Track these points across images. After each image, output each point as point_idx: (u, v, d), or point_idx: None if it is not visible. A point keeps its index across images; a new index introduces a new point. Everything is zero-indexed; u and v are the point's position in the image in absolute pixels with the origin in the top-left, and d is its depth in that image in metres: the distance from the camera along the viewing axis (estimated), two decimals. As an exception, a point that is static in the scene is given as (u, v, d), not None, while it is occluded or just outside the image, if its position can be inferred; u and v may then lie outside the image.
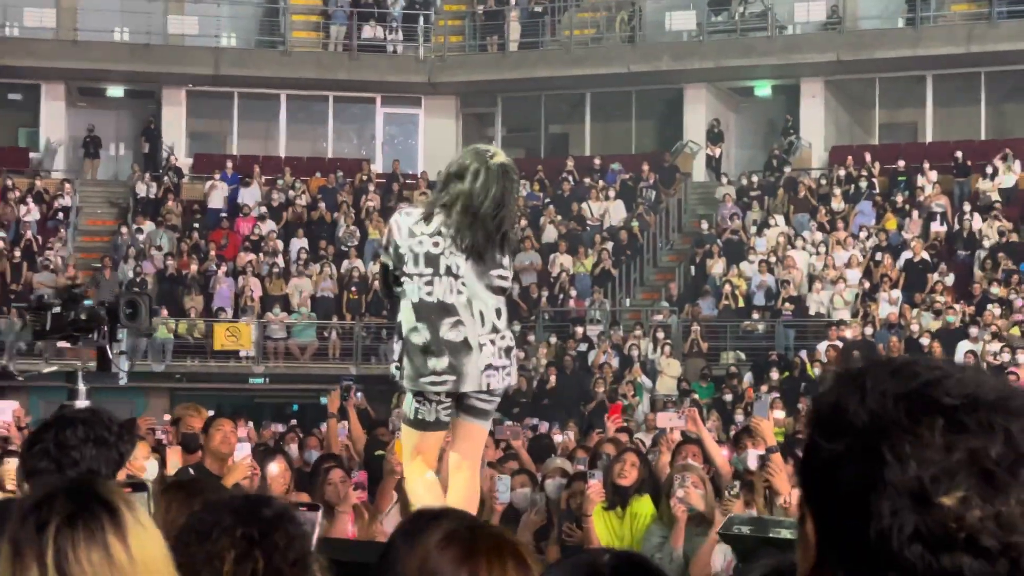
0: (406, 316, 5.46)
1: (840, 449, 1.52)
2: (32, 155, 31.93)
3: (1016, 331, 22.82)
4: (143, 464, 7.41)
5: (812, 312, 25.54)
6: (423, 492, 5.49)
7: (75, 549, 1.94)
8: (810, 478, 1.57)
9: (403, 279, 5.46)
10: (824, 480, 1.53)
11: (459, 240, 5.39)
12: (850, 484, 1.50)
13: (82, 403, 6.32)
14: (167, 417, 11.22)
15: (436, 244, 5.40)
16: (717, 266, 26.92)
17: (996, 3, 29.00)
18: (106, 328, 6.88)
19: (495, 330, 5.43)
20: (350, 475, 9.49)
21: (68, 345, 7.10)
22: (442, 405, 5.48)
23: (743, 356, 25.11)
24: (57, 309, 6.82)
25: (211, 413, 8.59)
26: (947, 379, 1.52)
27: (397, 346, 5.60)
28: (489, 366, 5.41)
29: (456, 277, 5.39)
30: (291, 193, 30.30)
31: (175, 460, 8.10)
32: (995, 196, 27.05)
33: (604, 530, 7.68)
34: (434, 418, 5.49)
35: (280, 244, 28.97)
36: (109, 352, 6.85)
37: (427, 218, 5.43)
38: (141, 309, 7.08)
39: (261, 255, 28.66)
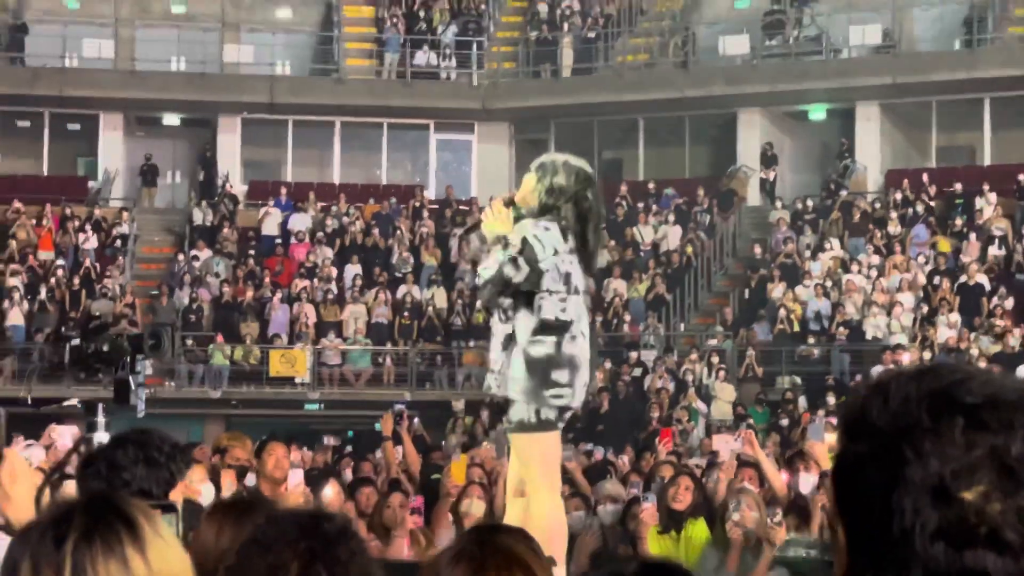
0: (530, 330, 5.53)
1: (864, 451, 1.53)
2: (91, 184, 32.27)
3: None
4: (199, 488, 7.43)
5: (869, 336, 25.32)
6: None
7: (93, 563, 1.93)
8: (838, 482, 1.58)
9: (539, 295, 5.55)
10: (851, 482, 1.55)
11: (590, 258, 5.55)
12: (874, 484, 1.51)
13: (101, 435, 6.31)
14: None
15: (572, 263, 5.50)
16: (776, 290, 26.76)
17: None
18: (128, 359, 6.89)
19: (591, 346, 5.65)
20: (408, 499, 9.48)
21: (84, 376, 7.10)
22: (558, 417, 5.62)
23: (799, 381, 24.93)
24: (76, 341, 6.83)
25: (257, 440, 8.57)
26: (969, 380, 1.53)
27: (498, 357, 5.63)
28: (586, 383, 5.63)
29: (580, 295, 5.58)
30: (345, 219, 30.44)
31: (230, 482, 8.12)
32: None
33: (659, 553, 7.64)
34: (555, 416, 5.61)
35: (334, 270, 29.08)
36: (131, 383, 6.86)
37: (564, 236, 5.49)
38: (164, 341, 7.12)
39: (316, 281, 28.79)
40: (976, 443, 1.48)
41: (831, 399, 22.85)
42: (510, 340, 5.57)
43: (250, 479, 8.00)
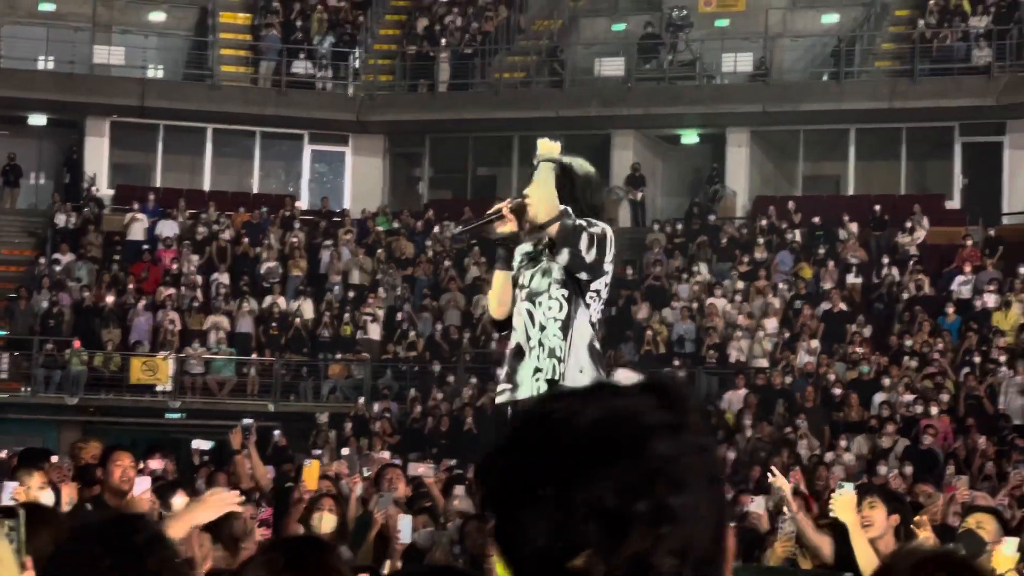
0: (587, 329, 5.51)
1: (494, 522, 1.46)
2: (-49, 182, 31.51)
3: (929, 383, 23.05)
4: (37, 494, 7.26)
5: (732, 360, 25.68)
6: None
7: None
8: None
9: (590, 294, 5.50)
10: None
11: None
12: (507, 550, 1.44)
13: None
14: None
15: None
16: (641, 311, 27.02)
17: (918, 61, 29.47)
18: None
19: (541, 328, 5.55)
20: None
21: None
22: None
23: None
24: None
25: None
26: (559, 427, 1.43)
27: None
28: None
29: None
30: (215, 227, 30.08)
31: (70, 495, 7.94)
32: (913, 250, 27.39)
33: (503, 572, 7.63)
34: None
35: (201, 278, 28.72)
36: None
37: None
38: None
39: (182, 289, 28.40)
40: (571, 502, 1.38)
41: (692, 421, 23.06)
42: (567, 327, 5.46)
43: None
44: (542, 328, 5.47)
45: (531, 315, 5.50)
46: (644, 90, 31.14)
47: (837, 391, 23.14)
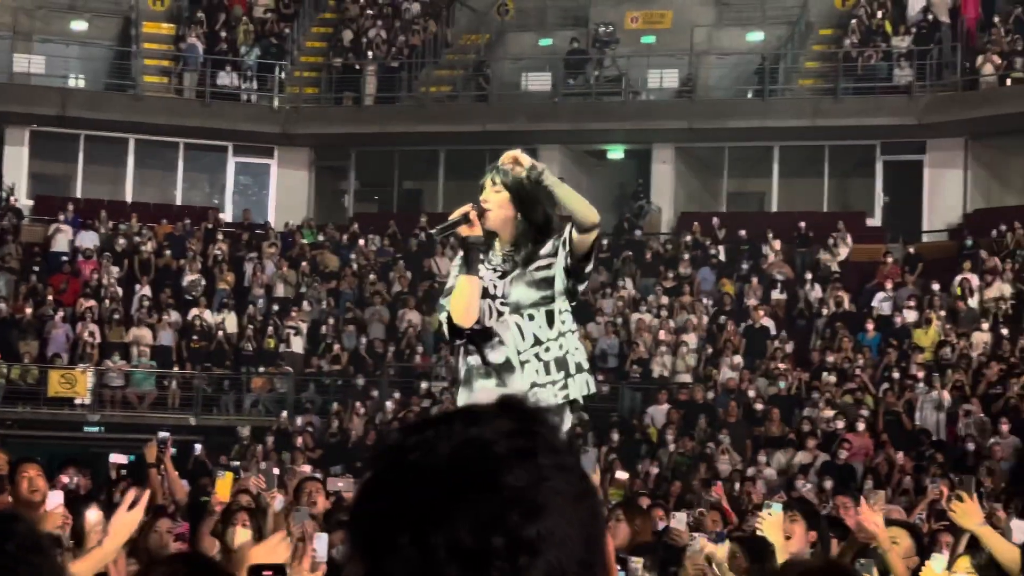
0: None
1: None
2: None
3: (849, 399, 23.25)
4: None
5: (656, 375, 25.77)
6: None
7: None
8: None
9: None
10: None
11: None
12: None
13: None
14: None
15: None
16: (563, 326, 27.03)
17: (841, 80, 29.80)
18: None
19: (537, 342, 5.32)
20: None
21: None
22: None
23: (586, 416, 25.16)
24: None
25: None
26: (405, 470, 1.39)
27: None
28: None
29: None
30: (136, 239, 29.77)
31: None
32: (835, 267, 27.65)
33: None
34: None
35: (122, 290, 28.40)
36: None
37: None
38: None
39: (102, 301, 28.07)
40: (431, 546, 1.34)
41: (616, 436, 23.15)
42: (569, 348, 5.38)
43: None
44: (538, 342, 5.30)
45: (520, 328, 5.32)
46: (570, 105, 31.24)
47: (759, 406, 23.28)
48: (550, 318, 5.34)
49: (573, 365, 5.36)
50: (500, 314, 5.33)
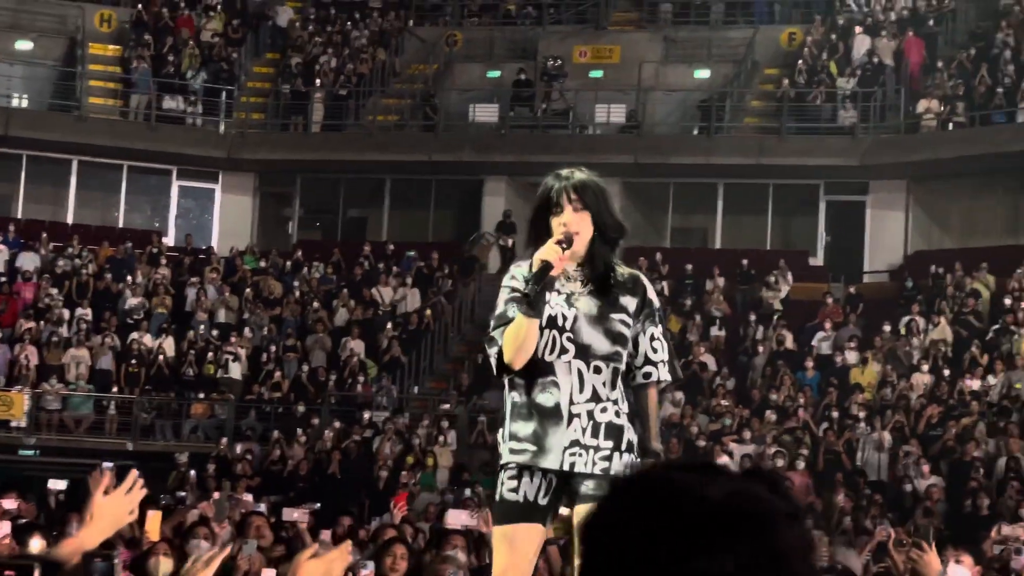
0: None
1: None
2: None
3: (789, 437, 23.38)
4: None
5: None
6: None
7: None
8: None
9: None
10: None
11: None
12: None
13: None
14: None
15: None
16: (507, 358, 27.00)
17: (786, 119, 30.08)
18: None
19: (596, 399, 4.79)
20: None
21: None
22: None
23: (528, 449, 25.17)
24: None
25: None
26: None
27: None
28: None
29: None
30: (77, 261, 29.48)
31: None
32: (776, 305, 27.84)
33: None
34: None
35: (64, 313, 28.09)
36: None
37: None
38: None
39: (42, 323, 27.76)
40: (689, 571, 1.41)
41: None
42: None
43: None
44: (596, 399, 4.70)
45: (582, 376, 4.72)
46: (517, 137, 31.32)
47: (701, 443, 23.36)
48: (615, 378, 4.76)
49: (626, 441, 4.74)
50: (564, 351, 4.72)
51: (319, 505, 18.65)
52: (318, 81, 32.67)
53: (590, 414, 4.68)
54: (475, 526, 9.56)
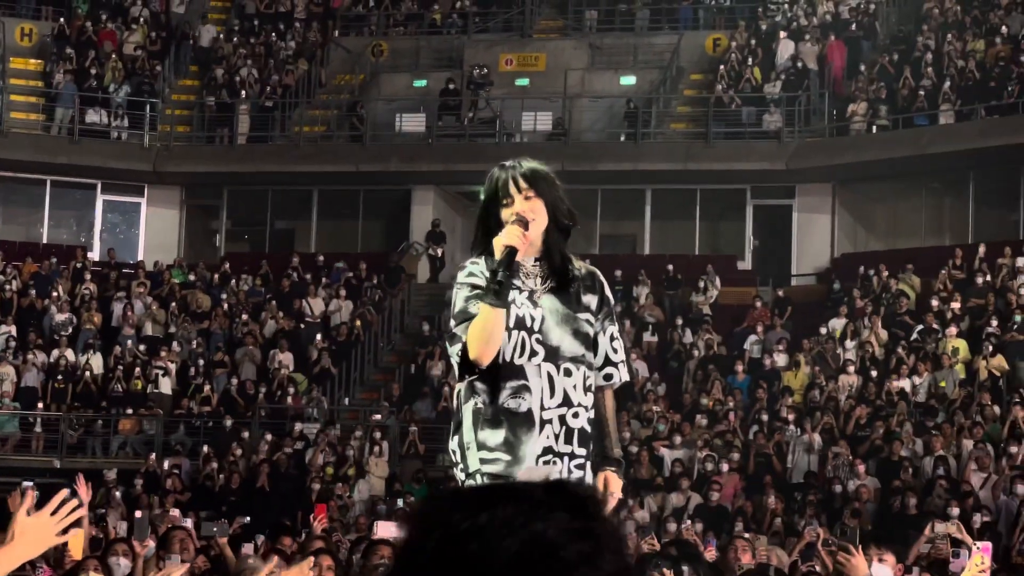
0: None
1: None
2: None
3: (719, 441, 23.46)
4: None
5: (529, 416, 25.75)
6: None
7: None
8: None
9: None
10: None
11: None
12: None
13: None
14: None
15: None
16: (436, 368, 26.95)
17: (713, 124, 30.24)
18: None
19: (567, 403, 4.58)
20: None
21: None
22: None
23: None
24: None
25: None
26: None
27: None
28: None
29: None
30: (1, 278, 29.09)
31: None
32: (706, 310, 27.95)
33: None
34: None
35: (-15, 330, 27.70)
36: None
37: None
38: None
39: (-36, 341, 27.35)
40: None
41: (490, 478, 23.06)
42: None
43: None
44: (567, 403, 4.49)
45: (552, 380, 4.50)
46: (444, 146, 31.28)
47: (632, 449, 23.38)
48: (584, 380, 4.56)
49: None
50: (534, 353, 4.51)
51: (248, 519, 18.48)
52: (243, 93, 32.46)
53: (562, 419, 4.49)
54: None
